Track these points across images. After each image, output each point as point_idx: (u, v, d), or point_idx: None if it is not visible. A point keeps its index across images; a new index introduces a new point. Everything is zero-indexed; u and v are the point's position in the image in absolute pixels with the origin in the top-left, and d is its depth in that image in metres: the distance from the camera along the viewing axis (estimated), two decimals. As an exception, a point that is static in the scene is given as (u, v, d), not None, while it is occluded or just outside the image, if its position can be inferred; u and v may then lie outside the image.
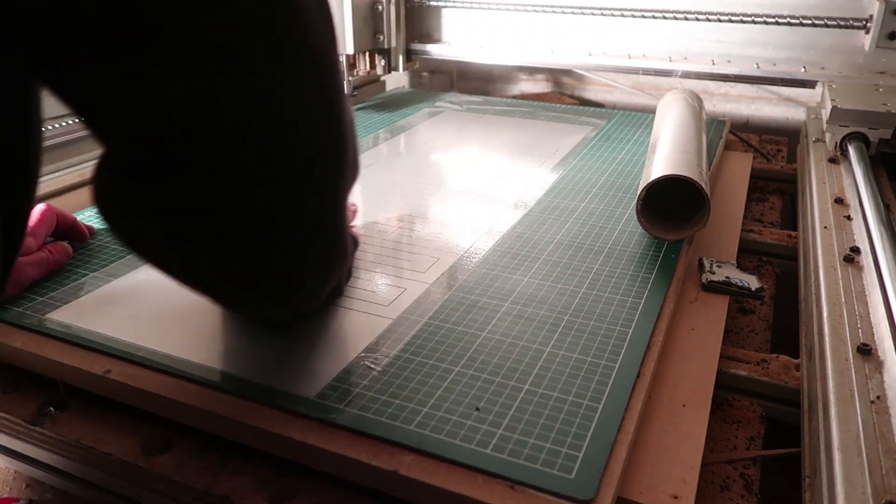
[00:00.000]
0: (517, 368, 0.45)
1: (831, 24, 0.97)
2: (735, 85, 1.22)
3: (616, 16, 1.09)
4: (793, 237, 0.75)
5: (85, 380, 0.46)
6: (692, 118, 0.78)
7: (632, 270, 0.58)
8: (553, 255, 0.61)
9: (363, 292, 0.55)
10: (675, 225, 0.62)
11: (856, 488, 0.34)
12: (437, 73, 1.46)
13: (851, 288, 0.53)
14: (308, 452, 0.39)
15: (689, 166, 0.61)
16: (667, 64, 1.07)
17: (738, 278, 0.60)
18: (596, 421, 0.40)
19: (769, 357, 0.54)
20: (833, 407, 0.40)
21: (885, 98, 0.82)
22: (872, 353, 0.45)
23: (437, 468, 0.37)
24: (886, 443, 0.37)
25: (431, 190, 0.77)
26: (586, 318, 0.51)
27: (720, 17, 1.02)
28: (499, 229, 0.66)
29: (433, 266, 0.59)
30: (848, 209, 0.66)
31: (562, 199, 0.74)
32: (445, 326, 0.49)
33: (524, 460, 0.37)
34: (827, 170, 0.76)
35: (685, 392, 0.47)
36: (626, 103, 1.31)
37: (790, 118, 1.22)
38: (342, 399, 0.42)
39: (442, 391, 0.42)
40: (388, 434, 0.39)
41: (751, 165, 0.93)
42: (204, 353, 0.46)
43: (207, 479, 0.41)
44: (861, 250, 0.58)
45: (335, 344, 0.47)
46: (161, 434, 0.45)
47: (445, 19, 1.21)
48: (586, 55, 1.12)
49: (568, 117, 1.07)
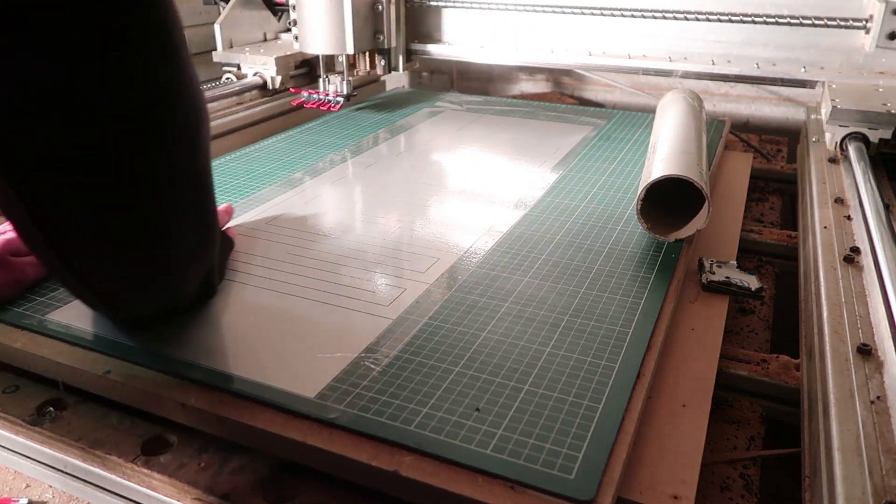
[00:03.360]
0: (517, 368, 0.45)
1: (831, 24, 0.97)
2: (735, 85, 1.22)
3: (616, 16, 1.08)
4: (793, 237, 0.75)
5: (85, 380, 0.46)
6: (692, 118, 0.78)
7: (632, 270, 0.58)
8: (553, 255, 0.61)
9: (363, 292, 0.55)
10: (675, 225, 0.62)
11: (856, 488, 0.34)
12: (437, 73, 1.46)
13: (851, 288, 0.53)
14: (308, 452, 0.39)
15: (689, 166, 0.61)
16: (667, 64, 1.07)
17: (738, 278, 0.60)
18: (596, 421, 0.40)
19: (769, 357, 0.54)
20: (833, 407, 0.40)
21: (885, 98, 0.82)
22: (872, 354, 0.45)
23: (437, 468, 0.37)
24: (886, 443, 0.37)
25: (431, 190, 0.77)
26: (586, 318, 0.51)
27: (720, 17, 1.02)
28: (499, 229, 0.66)
29: (433, 266, 0.59)
30: (848, 209, 0.66)
31: (562, 199, 0.74)
32: (445, 326, 0.49)
33: (524, 461, 0.37)
34: (827, 170, 0.76)
35: (685, 392, 0.47)
36: (626, 103, 1.31)
37: (790, 118, 1.22)
38: (342, 399, 0.42)
39: (442, 391, 0.42)
40: (388, 434, 0.39)
41: (751, 165, 0.93)
42: (204, 354, 0.46)
43: (207, 479, 0.41)
44: (861, 250, 0.58)
45: (335, 344, 0.47)
46: (161, 434, 0.45)
47: (445, 19, 1.21)
48: (586, 55, 1.12)
49: (568, 117, 1.07)
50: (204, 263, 0.48)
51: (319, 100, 1.04)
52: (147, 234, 0.41)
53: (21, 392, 0.49)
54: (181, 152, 0.40)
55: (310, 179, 0.80)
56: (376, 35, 1.08)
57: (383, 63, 1.13)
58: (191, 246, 0.44)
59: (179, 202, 0.41)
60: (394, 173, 0.83)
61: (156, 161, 0.39)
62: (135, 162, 0.38)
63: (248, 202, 0.73)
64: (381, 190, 0.78)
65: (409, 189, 0.78)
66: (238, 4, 1.14)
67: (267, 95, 1.10)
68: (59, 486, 0.47)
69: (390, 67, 1.15)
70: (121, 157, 0.37)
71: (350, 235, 0.65)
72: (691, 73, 1.07)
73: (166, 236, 0.42)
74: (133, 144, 0.37)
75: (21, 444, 0.46)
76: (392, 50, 1.13)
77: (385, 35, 1.08)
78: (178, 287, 0.47)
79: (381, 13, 1.06)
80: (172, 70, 0.38)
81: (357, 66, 1.10)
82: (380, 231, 0.66)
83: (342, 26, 0.99)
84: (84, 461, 0.44)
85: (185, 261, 0.45)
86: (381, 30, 1.07)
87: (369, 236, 0.65)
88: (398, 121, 1.06)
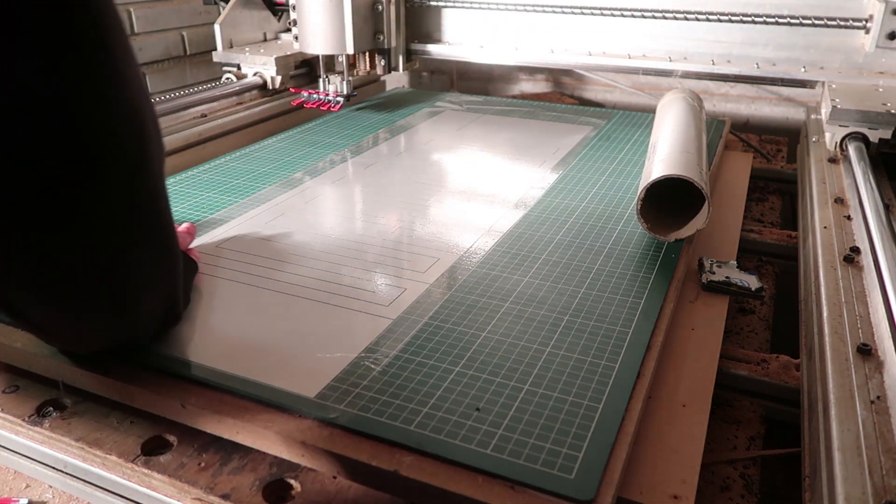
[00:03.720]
0: (517, 368, 0.45)
1: (831, 24, 0.97)
2: (735, 85, 1.22)
3: (616, 16, 1.08)
4: (793, 237, 0.75)
5: (85, 380, 0.46)
6: (692, 118, 0.78)
7: (632, 270, 0.58)
8: (553, 255, 0.61)
9: (363, 292, 0.55)
10: (675, 225, 0.62)
11: (856, 488, 0.34)
12: (437, 73, 1.46)
13: (851, 288, 0.53)
14: (308, 452, 0.39)
15: (689, 166, 0.61)
16: (667, 64, 1.07)
17: (738, 278, 0.60)
18: (596, 421, 0.40)
19: (769, 357, 0.54)
20: (833, 407, 0.40)
21: (885, 98, 0.82)
22: (872, 353, 0.45)
23: (437, 468, 0.37)
24: (886, 443, 0.37)
25: (431, 190, 0.77)
26: (586, 318, 0.51)
27: (720, 17, 1.02)
28: (499, 229, 0.66)
29: (433, 266, 0.59)
30: (848, 209, 0.66)
31: (562, 199, 0.74)
32: (445, 326, 0.49)
33: (524, 460, 0.37)
34: (827, 170, 0.76)
35: (685, 392, 0.47)
36: (626, 103, 1.31)
37: (790, 118, 1.22)
38: (342, 399, 0.42)
39: (442, 391, 0.42)
40: (388, 434, 0.39)
41: (751, 165, 0.93)
42: (204, 354, 0.46)
43: (207, 479, 0.41)
44: (861, 250, 0.58)
45: (335, 344, 0.47)
46: (161, 434, 0.45)
47: (445, 19, 1.21)
48: (586, 55, 1.12)
49: (568, 117, 1.07)
50: (162, 293, 0.43)
51: (319, 100, 1.04)
52: (92, 265, 0.36)
53: (21, 392, 0.49)
54: (121, 175, 0.35)
55: (310, 179, 0.80)
56: (376, 35, 1.08)
57: (383, 63, 1.13)
58: (145, 275, 0.39)
59: (127, 229, 0.37)
60: (394, 173, 0.83)
61: (91, 187, 0.34)
62: (64, 190, 0.33)
63: (249, 202, 0.73)
64: (381, 190, 0.78)
65: (409, 189, 0.78)
66: (238, 4, 1.14)
67: (267, 95, 1.10)
68: (59, 486, 0.47)
69: (390, 67, 1.15)
70: (46, 186, 0.32)
71: (350, 235, 0.65)
72: (691, 73, 1.07)
73: (115, 266, 0.37)
74: (60, 171, 0.32)
75: (21, 444, 0.46)
76: (392, 50, 1.13)
77: (385, 35, 1.08)
78: (134, 321, 0.42)
79: (381, 13, 1.06)
80: (100, 79, 0.33)
81: (357, 66, 1.10)
82: (380, 231, 0.66)
83: (342, 26, 1.00)
84: (84, 461, 0.44)
85: (140, 291, 0.40)
86: (381, 30, 1.07)
87: (369, 236, 0.65)
88: (398, 121, 1.06)
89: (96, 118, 0.33)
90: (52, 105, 0.31)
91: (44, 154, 0.31)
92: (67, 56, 0.31)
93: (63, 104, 0.31)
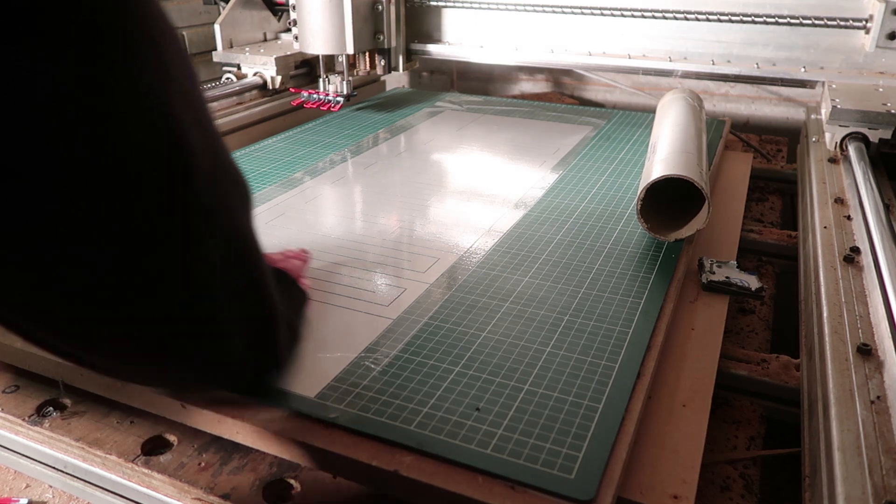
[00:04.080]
0: (517, 368, 0.45)
1: (831, 24, 0.97)
2: (735, 85, 1.22)
3: (616, 16, 1.08)
4: (793, 237, 0.75)
5: (85, 380, 0.46)
6: (692, 118, 0.78)
7: (632, 270, 0.58)
8: (553, 255, 0.61)
9: (363, 292, 0.55)
10: (675, 225, 0.62)
11: (856, 488, 0.34)
12: (437, 73, 1.46)
13: (851, 288, 0.53)
14: (308, 452, 0.39)
15: (689, 166, 0.61)
16: (667, 64, 1.07)
17: (738, 278, 0.60)
18: (596, 421, 0.40)
19: (769, 357, 0.54)
20: (833, 407, 0.40)
21: (885, 98, 0.82)
22: (872, 353, 0.45)
23: (437, 468, 0.37)
24: (886, 443, 0.37)
25: (431, 190, 0.77)
26: (586, 318, 0.51)
27: (720, 17, 1.02)
28: (499, 229, 0.66)
29: (433, 266, 0.59)
30: (848, 209, 0.66)
31: (562, 199, 0.74)
32: (445, 326, 0.49)
33: (524, 460, 0.37)
34: (827, 170, 0.76)
35: (685, 392, 0.47)
36: (626, 103, 1.31)
37: (790, 118, 1.22)
38: (342, 399, 0.41)
39: (442, 391, 0.42)
40: (388, 434, 0.39)
41: (751, 165, 0.93)
42: (204, 353, 0.46)
43: (207, 479, 0.41)
44: (861, 250, 0.58)
45: (335, 344, 0.47)
46: (161, 434, 0.45)
47: (445, 19, 1.21)
48: (586, 55, 1.12)
49: (568, 117, 1.07)
50: (251, 338, 0.37)
51: (319, 100, 1.04)
52: (177, 326, 0.32)
53: (21, 392, 0.49)
54: (218, 240, 0.32)
55: (310, 179, 0.80)
56: (376, 35, 1.08)
57: (383, 63, 1.13)
58: (228, 325, 0.35)
59: (210, 281, 0.32)
60: (394, 173, 0.83)
61: (189, 248, 0.30)
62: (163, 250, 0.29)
63: (248, 202, 0.73)
64: (381, 190, 0.78)
65: (409, 189, 0.78)
66: (238, 4, 1.14)
67: (267, 95, 1.10)
68: (59, 485, 0.47)
69: (390, 67, 1.15)
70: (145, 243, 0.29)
71: (350, 235, 0.65)
72: (691, 73, 1.07)
73: (199, 322, 0.33)
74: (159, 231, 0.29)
75: (21, 444, 0.46)
76: (392, 50, 1.13)
77: (385, 35, 1.08)
78: (245, 371, 0.39)
79: (381, 13, 1.06)
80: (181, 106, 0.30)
81: (357, 66, 1.10)
82: (380, 231, 0.66)
83: (342, 26, 0.99)
84: (84, 461, 0.44)
85: (244, 342, 0.36)
86: (381, 30, 1.07)
87: (369, 236, 0.65)
88: (398, 121, 1.06)
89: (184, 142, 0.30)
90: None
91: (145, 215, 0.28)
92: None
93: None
